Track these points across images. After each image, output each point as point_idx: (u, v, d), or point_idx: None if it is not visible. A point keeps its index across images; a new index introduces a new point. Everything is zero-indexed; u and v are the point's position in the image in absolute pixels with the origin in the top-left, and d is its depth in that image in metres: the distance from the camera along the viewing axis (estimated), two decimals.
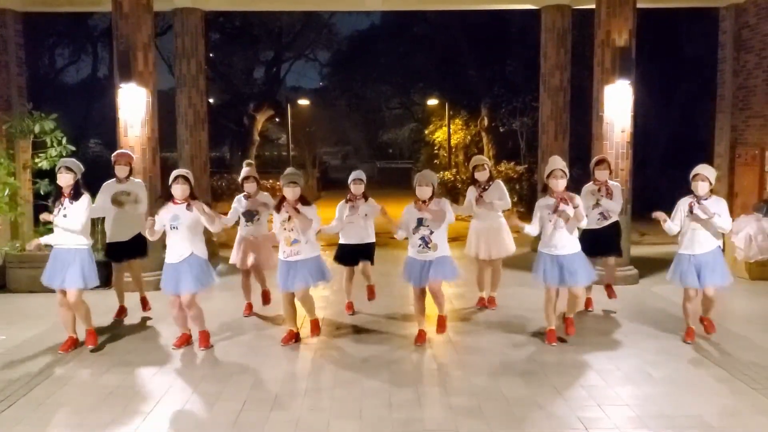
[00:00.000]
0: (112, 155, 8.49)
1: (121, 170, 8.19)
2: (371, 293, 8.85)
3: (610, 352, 7.13)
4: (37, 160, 10.70)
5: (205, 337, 7.37)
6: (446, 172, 24.39)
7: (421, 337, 7.47)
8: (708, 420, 5.38)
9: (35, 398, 5.95)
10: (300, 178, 7.24)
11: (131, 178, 8.31)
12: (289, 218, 7.05)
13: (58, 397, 5.97)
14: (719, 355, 6.98)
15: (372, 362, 6.88)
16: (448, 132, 27.64)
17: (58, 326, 7.55)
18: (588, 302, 8.72)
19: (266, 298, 8.85)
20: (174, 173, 7.18)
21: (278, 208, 7.17)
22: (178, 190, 7.04)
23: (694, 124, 20.84)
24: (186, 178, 7.08)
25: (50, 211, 7.20)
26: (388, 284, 9.37)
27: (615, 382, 6.26)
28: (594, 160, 8.60)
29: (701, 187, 7.04)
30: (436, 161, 29.50)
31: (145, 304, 8.68)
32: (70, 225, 7.00)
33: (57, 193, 7.16)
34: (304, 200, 7.20)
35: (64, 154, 10.44)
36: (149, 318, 8.59)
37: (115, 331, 8.07)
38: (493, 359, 6.93)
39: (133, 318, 8.57)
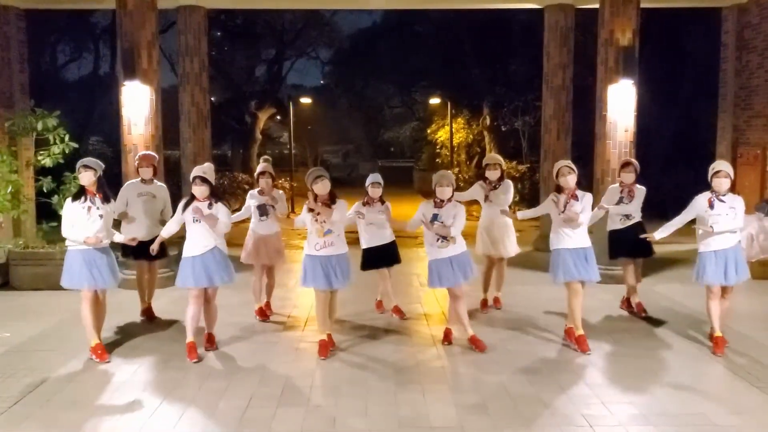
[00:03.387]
0: (136, 157, 8.54)
1: (145, 172, 8.21)
2: (380, 306, 8.85)
3: (614, 350, 7.15)
4: (39, 158, 10.71)
5: (213, 338, 7.35)
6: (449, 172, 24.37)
7: (476, 342, 7.29)
8: (712, 418, 5.39)
9: (42, 394, 5.97)
10: (322, 171, 7.06)
11: (155, 180, 8.34)
12: (317, 211, 6.94)
13: (66, 394, 5.99)
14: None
15: (378, 360, 6.90)
16: (450, 131, 27.62)
17: (63, 323, 7.56)
18: (639, 306, 8.64)
19: (269, 309, 8.71)
20: (193, 173, 7.07)
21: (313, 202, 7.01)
22: (198, 191, 6.95)
23: (695, 124, 20.84)
24: (204, 179, 6.97)
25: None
26: (394, 283, 9.38)
27: (619, 380, 6.29)
28: (621, 162, 8.65)
29: (725, 184, 6.99)
30: (438, 160, 29.51)
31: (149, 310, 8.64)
32: (108, 225, 7.01)
33: (79, 192, 6.99)
34: (332, 196, 7.01)
35: (66, 152, 10.48)
36: (158, 315, 8.58)
37: (121, 327, 8.07)
38: (498, 357, 6.95)
39: (136, 315, 8.59)
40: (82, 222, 6.86)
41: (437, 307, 9.01)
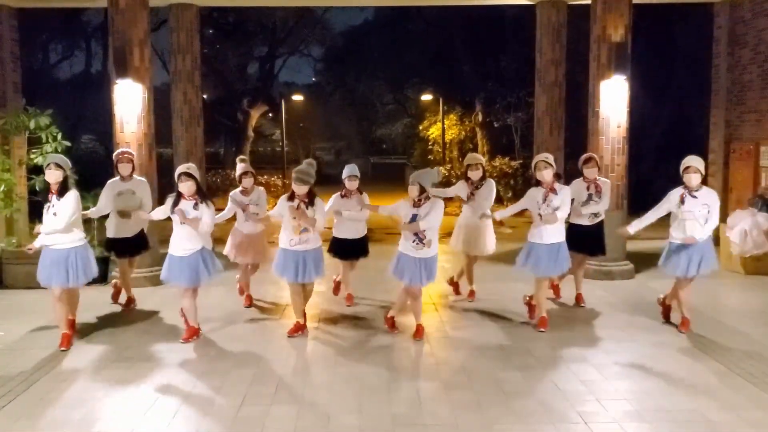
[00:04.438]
0: (114, 154, 8.56)
1: (124, 168, 8.24)
2: (349, 299, 9.00)
3: (608, 347, 7.16)
4: (32, 156, 10.66)
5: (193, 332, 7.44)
6: (440, 168, 24.36)
7: (419, 332, 7.48)
8: (706, 414, 5.41)
9: (35, 393, 5.95)
10: (307, 176, 7.16)
11: (134, 176, 8.34)
12: (298, 207, 7.07)
13: (59, 393, 5.97)
14: (716, 349, 7.02)
15: (371, 357, 6.90)
16: (442, 127, 27.62)
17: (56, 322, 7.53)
18: (579, 297, 8.86)
19: (249, 300, 8.91)
20: (178, 170, 7.16)
21: (291, 198, 7.17)
22: (185, 187, 7.05)
23: (688, 120, 20.88)
24: (189, 175, 7.06)
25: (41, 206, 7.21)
26: (385, 279, 9.38)
27: (613, 376, 6.30)
28: (582, 158, 8.60)
29: (694, 179, 7.20)
30: (430, 157, 29.50)
31: (130, 302, 8.80)
32: (56, 224, 6.93)
33: (46, 190, 7.13)
34: (311, 197, 7.18)
35: (59, 150, 10.42)
36: (150, 313, 8.59)
37: (115, 325, 8.05)
38: (492, 354, 6.95)
39: (131, 313, 8.58)
40: (43, 220, 7.05)
41: (428, 304, 9.01)
